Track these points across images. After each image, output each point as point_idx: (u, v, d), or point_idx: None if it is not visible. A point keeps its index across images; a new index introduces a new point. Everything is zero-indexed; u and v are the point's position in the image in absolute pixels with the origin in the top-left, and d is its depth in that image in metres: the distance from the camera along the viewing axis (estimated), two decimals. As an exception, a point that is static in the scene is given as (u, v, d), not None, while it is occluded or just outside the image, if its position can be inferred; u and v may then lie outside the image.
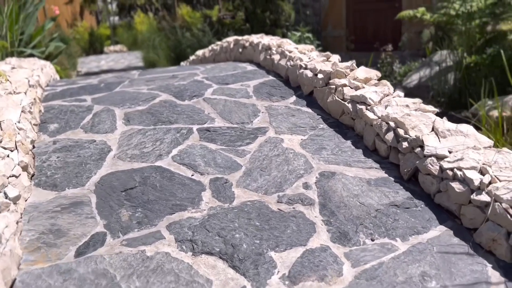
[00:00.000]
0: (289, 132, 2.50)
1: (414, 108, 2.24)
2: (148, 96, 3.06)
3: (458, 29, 5.30)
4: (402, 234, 1.70)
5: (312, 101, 2.90)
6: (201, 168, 2.16)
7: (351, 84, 2.58)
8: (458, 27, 5.28)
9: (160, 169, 2.15)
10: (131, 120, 2.67)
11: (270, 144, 2.37)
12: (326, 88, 2.70)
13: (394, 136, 2.11)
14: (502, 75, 4.66)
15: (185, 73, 3.73)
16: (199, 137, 2.48)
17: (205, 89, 3.18)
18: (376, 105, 2.32)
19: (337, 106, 2.57)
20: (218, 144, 2.40)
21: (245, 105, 2.88)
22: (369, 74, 2.67)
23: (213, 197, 1.95)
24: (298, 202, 1.89)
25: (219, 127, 2.58)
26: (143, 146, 2.38)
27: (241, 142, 2.41)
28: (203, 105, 2.89)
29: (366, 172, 2.10)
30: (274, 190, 1.98)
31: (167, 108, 2.85)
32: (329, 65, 2.87)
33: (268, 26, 8.37)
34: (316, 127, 2.57)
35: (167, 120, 2.67)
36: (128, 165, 2.20)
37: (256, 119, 2.69)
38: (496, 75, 4.67)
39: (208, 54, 5.41)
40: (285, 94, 3.04)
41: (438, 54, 6.94)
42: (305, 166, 2.16)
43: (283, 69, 3.27)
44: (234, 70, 3.73)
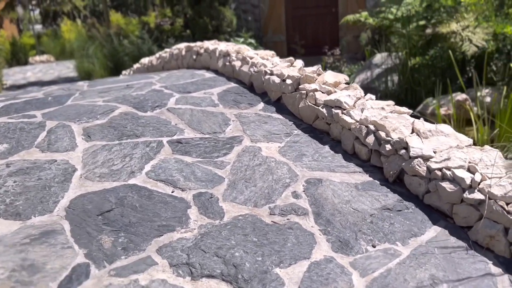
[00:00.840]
0: (265, 140, 2.44)
1: (390, 110, 2.27)
2: (106, 108, 2.85)
3: (398, 32, 5.54)
4: (401, 237, 1.69)
5: (281, 107, 2.85)
6: (181, 184, 2.03)
7: (322, 88, 2.57)
8: (398, 30, 5.52)
9: (136, 188, 1.99)
10: (92, 136, 2.46)
11: (249, 154, 2.28)
12: (297, 93, 2.66)
13: (375, 139, 2.11)
14: (442, 75, 4.94)
15: (140, 82, 3.54)
16: (171, 150, 2.33)
17: (166, 98, 3.02)
18: (351, 109, 2.32)
19: (310, 111, 2.55)
20: (193, 156, 2.27)
21: (214, 114, 2.77)
22: (337, 78, 2.68)
23: (200, 214, 1.83)
24: (291, 213, 1.82)
25: (191, 139, 2.45)
26: (111, 164, 2.19)
27: (218, 153, 2.30)
28: (169, 116, 2.74)
29: (351, 176, 2.08)
30: (263, 202, 1.90)
31: (130, 120, 2.67)
32: (296, 70, 2.85)
33: (211, 33, 8.26)
34: (290, 133, 2.52)
35: (132, 134, 2.49)
36: (98, 185, 2.01)
37: (228, 128, 2.59)
38: (437, 75, 4.94)
39: (155, 62, 5.20)
40: (252, 101, 2.97)
41: (378, 56, 7.24)
42: (289, 174, 2.10)
43: (246, 76, 3.20)
44: (192, 78, 3.60)
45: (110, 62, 10.43)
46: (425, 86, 4.93)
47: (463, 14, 4.78)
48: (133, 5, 16.86)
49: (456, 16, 4.83)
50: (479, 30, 4.54)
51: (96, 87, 3.53)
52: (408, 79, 4.99)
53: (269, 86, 2.91)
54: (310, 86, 2.61)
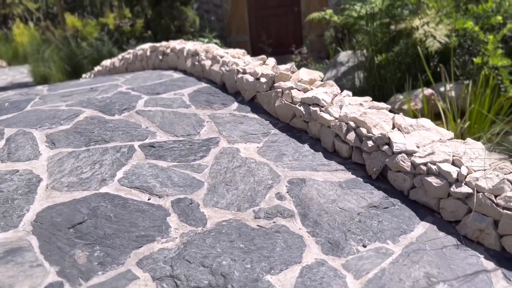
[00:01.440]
0: (243, 141, 2.35)
1: (368, 106, 2.24)
2: (70, 113, 2.67)
3: (363, 30, 5.59)
4: (390, 235, 1.65)
5: (256, 106, 2.77)
6: (158, 190, 1.91)
7: (298, 86, 2.51)
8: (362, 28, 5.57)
9: (109, 196, 1.86)
10: (57, 143, 2.30)
11: (227, 155, 2.19)
12: (272, 92, 2.59)
13: (356, 136, 2.07)
14: (408, 71, 5.02)
15: (105, 85, 3.37)
16: (144, 154, 2.21)
17: (134, 100, 2.88)
18: (329, 106, 2.28)
19: (287, 109, 2.48)
20: (168, 160, 2.16)
21: (186, 115, 2.66)
22: (312, 75, 2.63)
23: (181, 221, 1.72)
24: (277, 215, 1.74)
25: (164, 142, 2.33)
26: (80, 172, 2.04)
27: (194, 156, 2.20)
28: (138, 119, 2.61)
29: (334, 175, 2.03)
30: (247, 205, 1.82)
31: (96, 125, 2.51)
32: (269, 68, 2.78)
33: (173, 33, 8.08)
34: (268, 133, 2.45)
35: (100, 139, 2.35)
36: (67, 195, 1.86)
37: (203, 129, 2.49)
38: (403, 71, 5.02)
39: (118, 64, 5.00)
40: (225, 101, 2.87)
41: (342, 54, 7.31)
42: (271, 175, 2.02)
43: (218, 75, 3.10)
44: (160, 78, 3.47)
45: (67, 65, 10.03)
46: (391, 82, 4.99)
47: (425, 11, 4.87)
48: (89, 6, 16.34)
49: (418, 12, 4.92)
50: (441, 26, 4.64)
51: (57, 91, 3.33)
52: (374, 75, 5.04)
53: (243, 85, 2.83)
54: (285, 84, 2.55)
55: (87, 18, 14.08)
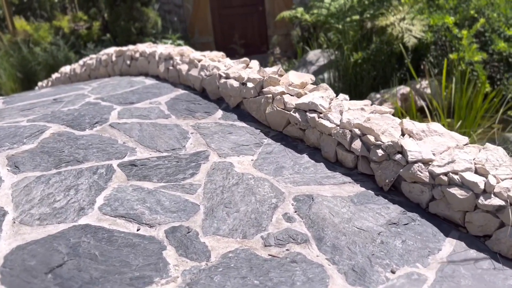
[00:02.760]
0: (235, 153, 2.13)
1: (370, 110, 2.07)
2: (33, 129, 2.35)
3: (334, 28, 5.48)
4: (418, 257, 1.48)
5: (242, 113, 2.55)
6: (147, 218, 1.66)
7: (290, 91, 2.31)
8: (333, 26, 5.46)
9: (90, 229, 1.59)
10: (21, 166, 1.99)
11: (221, 171, 1.96)
12: (261, 98, 2.38)
13: (362, 145, 1.90)
14: (383, 69, 4.95)
15: (70, 95, 3.04)
16: (125, 175, 1.94)
17: (106, 112, 2.59)
18: (328, 111, 2.09)
19: (279, 117, 2.28)
20: (154, 181, 1.90)
21: (167, 127, 2.40)
22: (303, 78, 2.44)
23: (180, 255, 1.48)
24: (289, 241, 1.54)
25: (146, 159, 2.07)
26: (53, 200, 1.76)
27: (184, 174, 1.95)
28: (113, 133, 2.33)
29: (342, 188, 1.85)
30: (253, 230, 1.60)
31: (66, 142, 2.21)
32: (255, 72, 2.57)
33: (135, 36, 7.70)
34: (260, 143, 2.24)
35: (72, 159, 2.06)
36: (40, 230, 1.58)
37: (188, 142, 2.24)
38: (378, 69, 4.94)
39: (80, 70, 4.64)
40: (208, 109, 2.64)
41: (311, 54, 7.19)
42: (273, 192, 1.81)
43: (197, 81, 2.86)
44: (131, 86, 3.18)
45: (19, 73, 9.39)
46: (367, 81, 4.90)
47: (398, 7, 4.81)
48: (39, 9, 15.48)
49: (391, 9, 4.86)
50: (416, 22, 4.58)
51: (14, 104, 2.98)
52: (350, 74, 4.93)
53: (226, 91, 2.60)
54: (275, 88, 2.34)
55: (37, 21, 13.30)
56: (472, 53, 4.00)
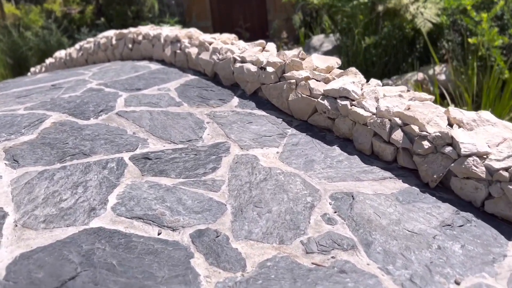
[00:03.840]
0: (258, 145, 1.93)
1: (409, 97, 1.88)
2: (31, 118, 2.13)
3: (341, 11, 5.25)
4: (482, 264, 1.30)
5: (261, 101, 2.35)
6: (169, 220, 1.46)
7: (315, 76, 2.11)
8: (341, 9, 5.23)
9: (104, 233, 1.39)
10: (21, 159, 1.77)
11: (245, 166, 1.76)
12: (283, 83, 2.18)
13: (404, 135, 1.71)
14: (395, 55, 4.74)
15: (69, 81, 2.81)
16: (139, 170, 1.74)
17: (112, 99, 2.37)
18: (362, 98, 1.89)
19: (305, 104, 2.08)
20: (172, 176, 1.70)
21: (180, 116, 2.19)
22: (328, 62, 2.24)
23: (211, 265, 1.28)
24: (334, 247, 1.35)
25: (161, 151, 1.87)
26: (59, 199, 1.55)
27: (204, 169, 1.75)
28: (121, 123, 2.11)
29: (383, 185, 1.66)
30: (290, 234, 1.41)
31: (69, 133, 2.00)
32: (274, 55, 2.36)
33: (131, 19, 7.40)
34: (284, 133, 2.04)
35: (78, 152, 1.84)
36: (46, 235, 1.38)
37: (205, 132, 2.03)
38: (390, 54, 4.73)
39: (76, 55, 4.38)
40: (222, 96, 2.42)
41: (315, 39, 6.96)
42: (307, 189, 1.62)
43: (208, 65, 2.64)
44: (136, 71, 2.95)
45: (10, 58, 9.05)
46: (379, 66, 4.70)
47: (410, -11, 4.59)
48: (29, -8, 14.99)
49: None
50: (430, 5, 4.37)
51: (9, 90, 2.74)
52: (361, 60, 4.72)
53: (243, 76, 2.39)
54: (299, 73, 2.14)
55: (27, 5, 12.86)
56: (493, 37, 3.81)
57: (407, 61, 4.75)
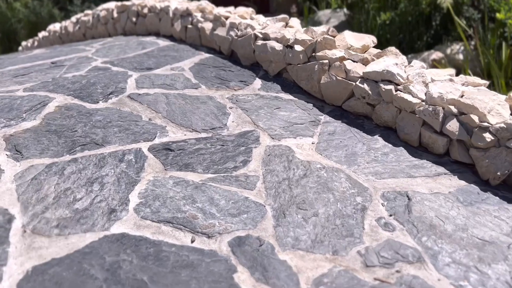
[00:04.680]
0: (290, 134, 1.73)
1: (460, 82, 1.68)
2: (33, 101, 1.91)
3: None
4: None
5: (286, 83, 2.13)
6: (202, 224, 1.27)
7: (352, 56, 1.89)
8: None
9: (129, 241, 1.20)
10: (24, 150, 1.56)
11: (279, 159, 1.57)
12: (314, 64, 1.96)
13: (460, 126, 1.52)
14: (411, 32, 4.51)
15: (71, 58, 2.56)
16: (160, 163, 1.53)
17: (121, 80, 2.14)
18: (409, 83, 1.69)
19: (340, 88, 1.87)
20: (200, 171, 1.50)
21: (200, 100, 1.97)
22: (363, 40, 2.02)
23: (259, 281, 1.10)
24: (397, 259, 1.17)
25: (183, 141, 1.66)
26: (72, 198, 1.35)
27: (234, 162, 1.55)
28: (134, 107, 1.90)
29: (438, 182, 1.48)
30: (344, 242, 1.22)
31: (77, 118, 1.78)
32: (301, 31, 2.13)
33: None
34: (317, 121, 1.84)
35: (89, 141, 1.63)
36: (61, 244, 1.18)
37: (229, 119, 1.83)
38: (405, 31, 4.50)
39: (73, 28, 4.08)
40: (242, 77, 2.20)
41: (320, 14, 6.67)
42: (354, 187, 1.43)
43: (225, 42, 2.40)
44: (143, 47, 2.70)
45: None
46: (394, 44, 4.47)
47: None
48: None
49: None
50: (450, -21, 4.12)
51: (4, 68, 2.48)
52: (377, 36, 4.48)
53: (266, 55, 2.16)
54: (332, 53, 1.92)
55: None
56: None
57: (422, 39, 4.53)
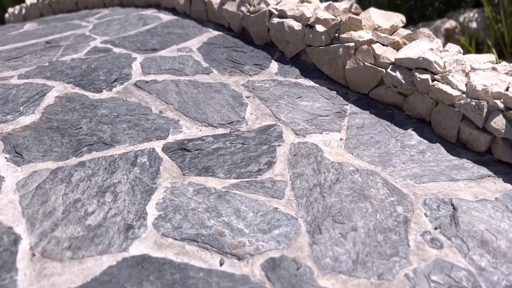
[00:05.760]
0: (315, 129, 1.58)
1: (504, 71, 1.52)
2: (30, 91, 1.73)
3: None
4: None
5: (305, 67, 1.96)
6: (230, 243, 1.14)
7: (380, 39, 1.72)
8: None
9: (151, 265, 1.08)
10: (25, 152, 1.41)
11: (307, 159, 1.43)
12: (339, 47, 1.79)
13: (506, 123, 1.38)
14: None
15: (66, 36, 2.35)
16: (178, 167, 1.39)
17: (125, 64, 1.96)
18: (447, 72, 1.53)
19: (368, 75, 1.71)
20: (221, 176, 1.36)
21: (213, 88, 1.81)
22: (391, 19, 1.84)
23: (300, 314, 0.99)
24: (451, 285, 1.06)
25: (199, 139, 1.51)
26: (84, 212, 1.21)
27: (257, 164, 1.42)
28: (142, 97, 1.73)
29: (482, 186, 1.36)
30: (390, 263, 1.11)
31: (81, 112, 1.62)
32: (321, 9, 1.94)
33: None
34: (343, 111, 1.69)
35: (96, 141, 1.48)
36: (76, 270, 1.06)
37: (247, 111, 1.67)
38: None
39: (64, -4, 3.80)
40: (257, 59, 2.02)
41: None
42: (393, 195, 1.31)
43: (235, 18, 2.20)
44: (145, 23, 2.49)
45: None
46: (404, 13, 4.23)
47: None
48: None
49: None
50: None
51: (-6, 47, 2.28)
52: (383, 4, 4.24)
53: (283, 35, 1.98)
54: (359, 35, 1.74)
55: None
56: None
57: (434, 5, 4.29)
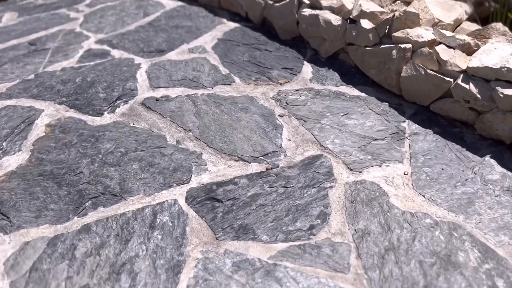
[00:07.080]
0: (371, 160, 1.28)
1: None
2: (14, 118, 1.41)
3: None
4: None
5: (346, 69, 1.63)
6: None
7: (445, 39, 1.38)
8: None
9: None
10: (14, 212, 1.12)
11: (370, 209, 1.14)
12: (391, 49, 1.45)
13: None
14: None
15: (53, 34, 1.99)
16: (208, 227, 1.10)
17: (128, 76, 1.62)
18: (538, 85, 1.21)
19: (430, 85, 1.39)
20: (264, 239, 1.07)
21: (238, 105, 1.48)
22: (452, 11, 1.49)
23: None
24: None
25: (231, 182, 1.21)
26: (94, 306, 0.93)
27: (308, 218, 1.12)
28: (153, 122, 1.41)
29: None
30: None
31: (79, 148, 1.31)
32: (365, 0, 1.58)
33: None
34: (401, 131, 1.38)
35: (102, 191, 1.18)
36: None
37: (283, 136, 1.36)
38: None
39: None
40: (286, 60, 1.68)
41: None
42: (487, 260, 1.02)
43: (255, 8, 1.84)
44: (145, 13, 2.11)
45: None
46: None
47: None
48: None
49: None
50: None
51: (-31, 52, 1.92)
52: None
53: (317, 30, 1.63)
54: (417, 33, 1.40)
55: None
56: None
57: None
